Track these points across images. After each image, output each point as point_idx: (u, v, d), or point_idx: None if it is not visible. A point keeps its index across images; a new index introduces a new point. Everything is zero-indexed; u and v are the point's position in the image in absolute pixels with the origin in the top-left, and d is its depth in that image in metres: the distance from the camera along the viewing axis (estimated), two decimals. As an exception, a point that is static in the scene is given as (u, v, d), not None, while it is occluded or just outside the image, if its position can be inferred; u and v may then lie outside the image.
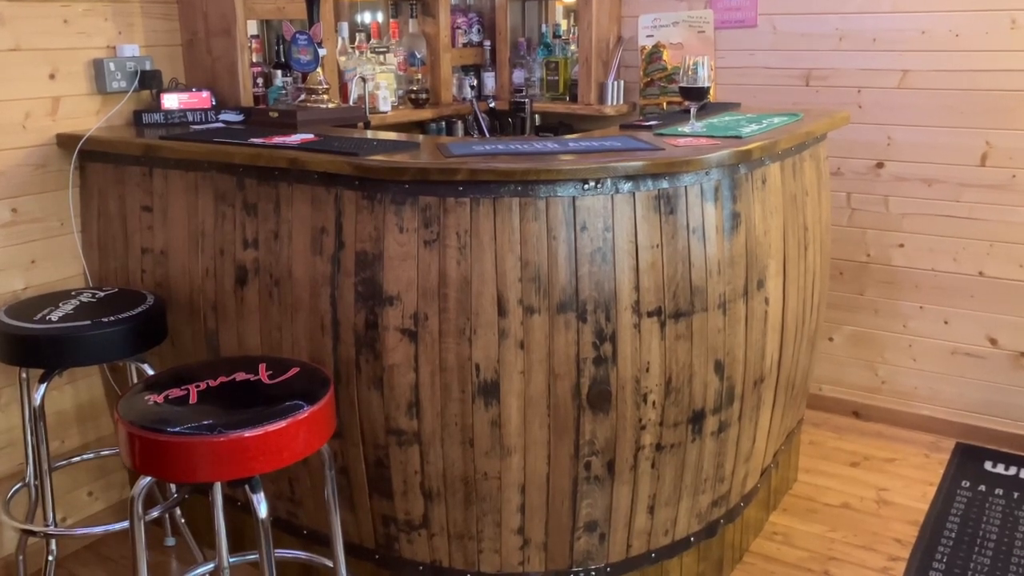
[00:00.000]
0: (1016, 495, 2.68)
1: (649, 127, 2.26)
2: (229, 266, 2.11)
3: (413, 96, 3.40)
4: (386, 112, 3.16)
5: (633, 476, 1.96)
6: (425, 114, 3.39)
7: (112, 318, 1.98)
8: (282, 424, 1.50)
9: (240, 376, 1.68)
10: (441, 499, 1.95)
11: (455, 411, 1.86)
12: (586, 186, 1.78)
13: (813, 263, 2.42)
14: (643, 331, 1.86)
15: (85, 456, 2.37)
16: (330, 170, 1.87)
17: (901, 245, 3.07)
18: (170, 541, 2.48)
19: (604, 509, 1.97)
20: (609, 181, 1.79)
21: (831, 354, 3.28)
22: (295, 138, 2.11)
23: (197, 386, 1.63)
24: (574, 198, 1.78)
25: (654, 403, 1.91)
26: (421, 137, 2.28)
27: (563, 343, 1.82)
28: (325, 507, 1.87)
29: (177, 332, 2.27)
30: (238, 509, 2.27)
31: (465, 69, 3.70)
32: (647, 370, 1.88)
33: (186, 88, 2.56)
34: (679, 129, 2.18)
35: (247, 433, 1.46)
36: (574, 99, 3.53)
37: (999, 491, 2.71)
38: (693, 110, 2.20)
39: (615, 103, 3.43)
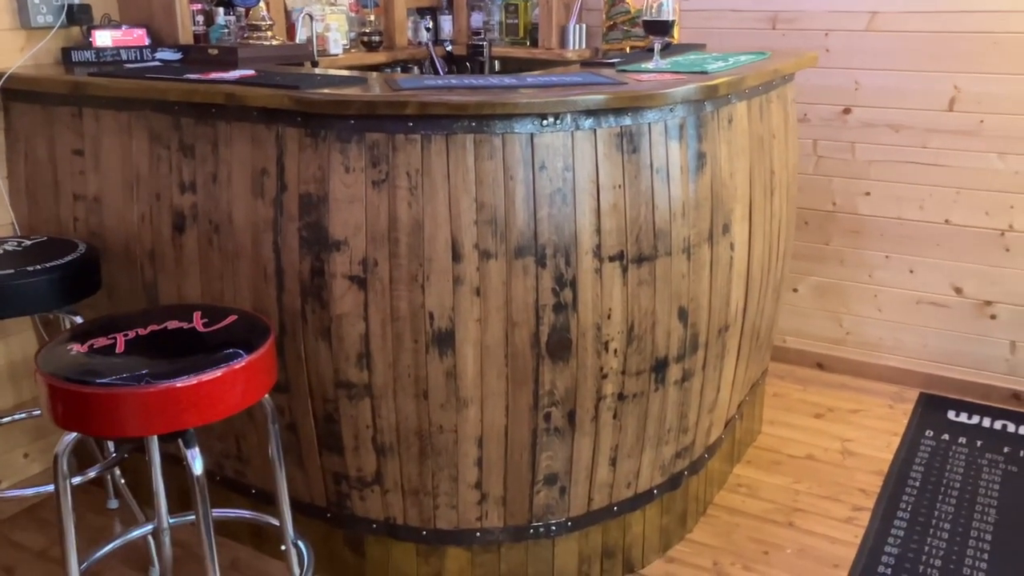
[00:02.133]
0: (979, 443, 2.66)
1: (612, 64, 2.16)
2: (166, 212, 1.98)
3: (366, 39, 3.25)
4: (337, 55, 3.01)
5: (595, 427, 1.88)
6: (378, 58, 3.24)
7: (38, 267, 1.84)
8: (217, 374, 1.39)
9: (173, 325, 1.56)
10: (395, 454, 1.86)
11: (408, 362, 1.76)
12: (545, 122, 1.67)
13: (780, 209, 2.35)
14: (605, 276, 1.77)
15: (18, 416, 2.24)
16: (270, 105, 1.74)
17: (867, 193, 3.01)
18: (112, 503, 2.36)
19: (565, 462, 1.89)
20: (569, 117, 1.69)
21: (795, 305, 3.23)
22: (234, 74, 1.97)
23: (125, 335, 1.51)
24: (532, 135, 1.68)
25: (616, 351, 1.83)
26: (371, 73, 2.15)
27: (521, 290, 1.73)
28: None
29: (113, 283, 2.13)
30: (182, 467, 2.16)
31: (421, 12, 3.55)
32: (608, 317, 1.80)
33: (119, 25, 2.39)
34: (643, 66, 2.08)
35: (179, 383, 1.35)
36: (534, 43, 3.40)
37: (962, 440, 2.69)
38: (657, 46, 2.10)
39: (577, 47, 3.31)
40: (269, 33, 2.33)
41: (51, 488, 1.99)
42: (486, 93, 1.69)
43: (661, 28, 1.99)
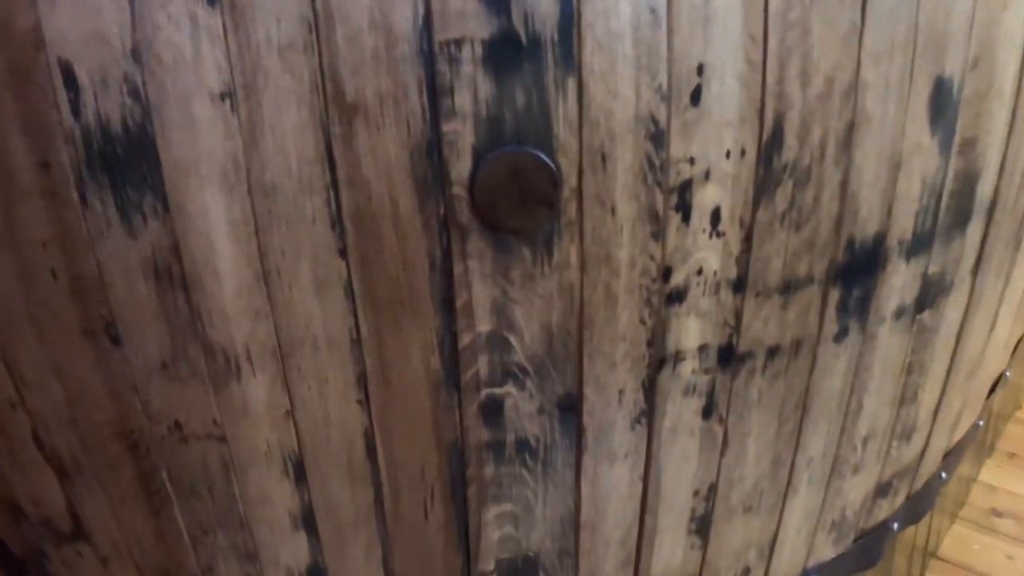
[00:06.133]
0: None
1: None
2: None
3: None
4: None
5: (647, 439, 0.64)
6: None
7: None
8: None
9: None
10: (91, 478, 0.69)
11: (38, 226, 0.57)
12: None
13: None
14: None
15: None
16: None
17: None
18: None
19: (551, 522, 0.67)
20: None
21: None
22: None
23: None
24: None
25: (718, 216, 0.56)
26: None
27: (367, -24, 0.48)
28: None
29: None
30: None
31: None
32: (695, 93, 0.53)
33: None
34: None
35: None
36: None
37: None
38: None
39: None
40: None
41: None
42: None
43: None
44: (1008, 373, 1.10)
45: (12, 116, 0.53)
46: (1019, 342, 1.18)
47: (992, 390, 1.07)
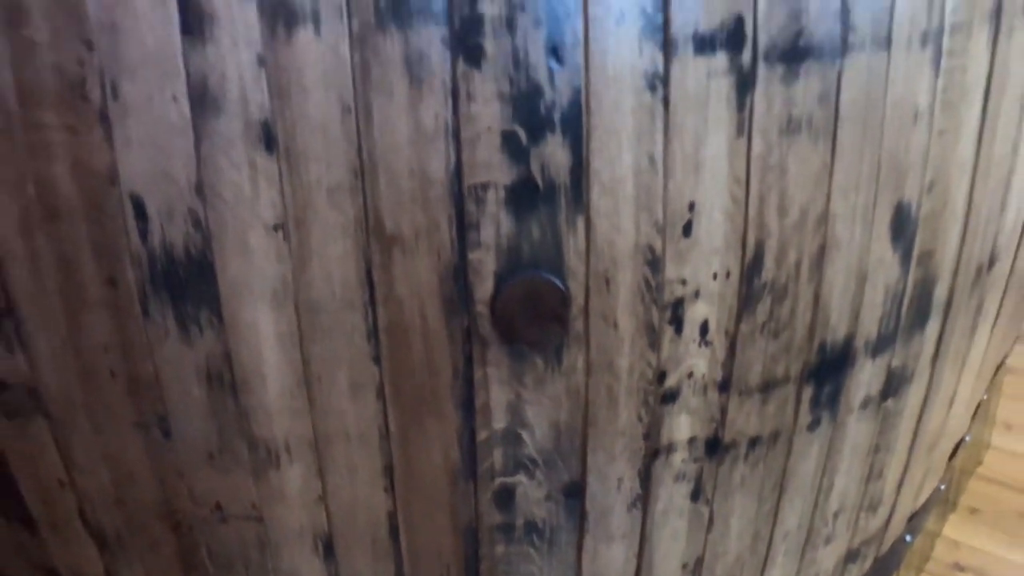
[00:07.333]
0: None
1: None
2: None
3: None
4: None
5: (641, 520, 0.71)
6: None
7: None
8: None
9: None
10: (129, 551, 0.75)
11: (102, 333, 0.63)
12: None
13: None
14: (678, 97, 0.57)
15: None
16: None
17: None
18: None
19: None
20: None
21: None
22: None
23: None
24: None
25: (706, 328, 0.64)
26: None
27: (405, 130, 0.55)
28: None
29: None
30: None
31: None
32: (687, 227, 0.60)
33: None
34: None
35: None
36: None
37: None
38: None
39: None
40: None
41: None
42: None
43: None
44: (968, 437, 1.19)
45: (85, 239, 0.59)
46: (978, 406, 1.26)
47: (953, 454, 1.15)
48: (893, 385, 0.78)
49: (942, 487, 1.10)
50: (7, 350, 0.66)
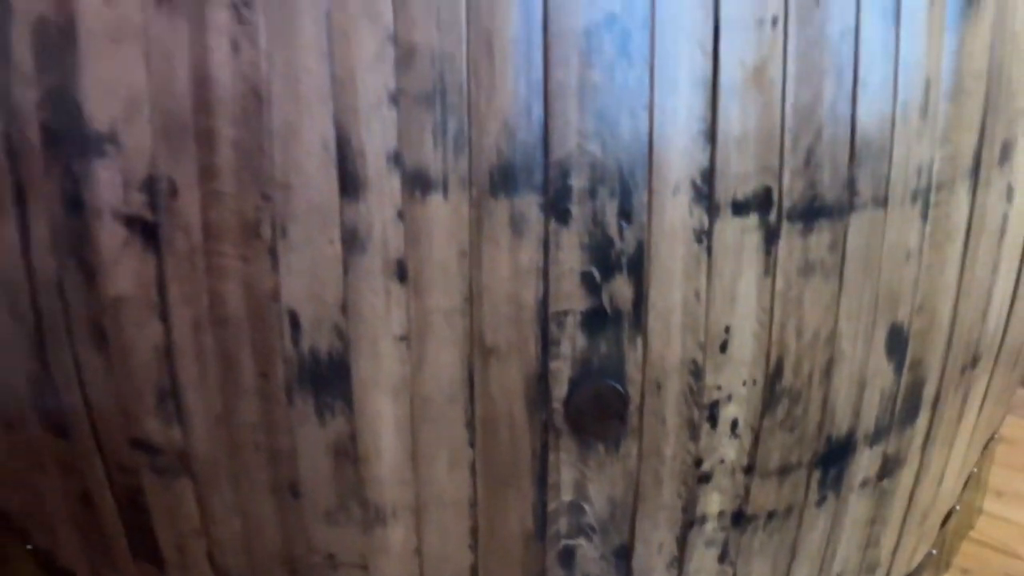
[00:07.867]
0: None
1: None
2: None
3: None
4: None
5: (675, 578, 0.86)
6: None
7: None
8: None
9: None
10: (248, 591, 0.91)
11: (252, 417, 0.79)
12: None
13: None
14: (718, 248, 0.73)
15: None
16: None
17: None
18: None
19: (605, 642, 0.89)
20: None
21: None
22: None
23: None
24: None
25: (737, 425, 0.79)
26: None
27: (506, 270, 0.71)
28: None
29: None
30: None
31: None
32: (723, 347, 0.76)
33: None
34: None
35: None
36: None
37: None
38: None
39: None
40: None
41: None
42: None
43: None
44: (957, 507, 1.33)
45: (246, 340, 0.75)
46: (969, 477, 1.40)
47: (946, 520, 1.30)
48: (888, 468, 0.93)
49: (934, 551, 1.25)
50: (166, 423, 0.82)
